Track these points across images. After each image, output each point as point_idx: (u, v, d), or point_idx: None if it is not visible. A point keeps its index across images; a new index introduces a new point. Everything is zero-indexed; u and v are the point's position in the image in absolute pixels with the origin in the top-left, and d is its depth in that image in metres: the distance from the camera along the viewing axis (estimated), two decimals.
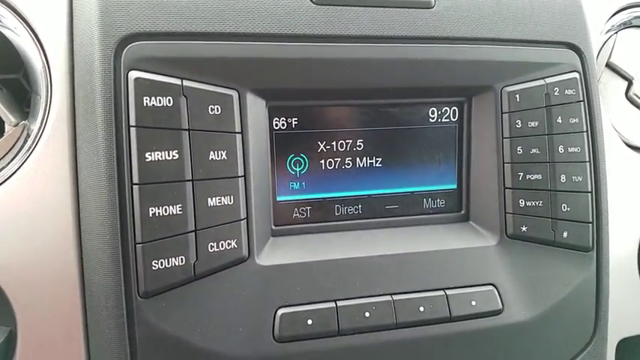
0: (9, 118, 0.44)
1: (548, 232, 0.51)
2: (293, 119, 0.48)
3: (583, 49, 0.52)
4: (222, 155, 0.43)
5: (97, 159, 0.40)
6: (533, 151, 0.50)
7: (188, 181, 0.41)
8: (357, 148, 0.51)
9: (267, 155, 0.47)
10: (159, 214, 0.40)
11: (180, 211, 0.41)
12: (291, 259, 0.46)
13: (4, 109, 0.44)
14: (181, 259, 0.41)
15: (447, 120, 0.52)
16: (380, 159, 0.51)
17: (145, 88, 0.40)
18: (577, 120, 0.51)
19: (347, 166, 0.51)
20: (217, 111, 0.42)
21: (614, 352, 0.59)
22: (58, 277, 0.43)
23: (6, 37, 0.44)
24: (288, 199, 0.50)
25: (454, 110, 0.52)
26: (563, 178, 0.50)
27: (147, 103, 0.40)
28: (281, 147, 0.49)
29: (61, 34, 0.43)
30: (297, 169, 0.50)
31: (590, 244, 0.52)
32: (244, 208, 0.44)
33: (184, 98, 0.41)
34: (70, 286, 0.43)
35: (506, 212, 0.51)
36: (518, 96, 0.50)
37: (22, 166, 0.43)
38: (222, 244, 0.43)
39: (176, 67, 0.41)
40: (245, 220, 0.44)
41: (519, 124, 0.50)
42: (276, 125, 0.48)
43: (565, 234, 0.51)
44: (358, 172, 0.51)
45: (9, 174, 0.42)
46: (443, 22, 0.47)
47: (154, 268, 0.40)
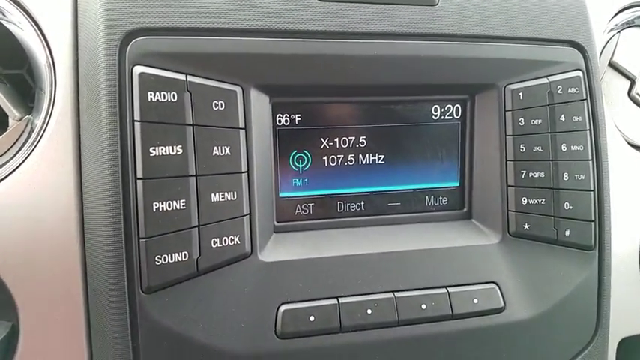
0: (13, 112, 0.44)
1: (551, 231, 0.51)
2: (296, 115, 0.48)
3: (586, 47, 0.52)
4: (225, 151, 0.43)
5: (101, 154, 0.40)
6: (536, 149, 0.50)
7: (192, 176, 0.41)
8: (360, 145, 0.51)
9: (270, 151, 0.47)
10: (162, 209, 0.40)
11: (183, 206, 0.41)
12: (294, 256, 0.46)
13: (8, 103, 0.44)
14: (184, 255, 0.41)
15: (450, 117, 0.52)
16: (383, 156, 0.51)
17: (150, 83, 0.40)
18: (580, 118, 0.51)
19: (350, 162, 0.51)
20: (221, 106, 0.42)
21: (615, 351, 0.59)
22: (61, 272, 0.43)
23: (10, 31, 0.44)
24: (291, 196, 0.50)
25: (457, 108, 0.52)
26: (565, 176, 0.50)
27: (151, 98, 0.40)
28: (284, 143, 0.49)
29: (65, 28, 0.43)
30: (300, 166, 0.50)
31: (592, 242, 0.52)
32: (247, 203, 0.44)
33: (189, 93, 0.41)
34: (72, 281, 0.43)
35: (508, 210, 0.51)
36: (521, 94, 0.50)
37: (26, 161, 0.43)
38: (225, 240, 0.43)
39: (181, 62, 0.41)
40: (248, 216, 0.44)
41: (522, 122, 0.50)
42: (280, 121, 0.48)
43: (567, 232, 0.51)
44: (361, 169, 0.51)
45: (13, 168, 0.42)
46: (446, 20, 0.47)
47: (157, 263, 0.40)
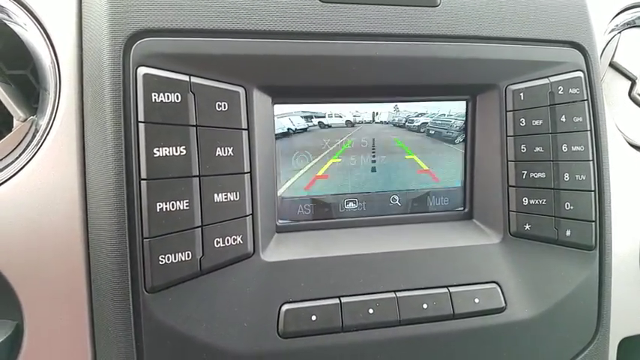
0: (17, 113, 0.44)
1: (552, 231, 0.51)
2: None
3: (587, 48, 0.52)
4: (228, 151, 0.43)
5: (105, 154, 0.40)
6: (537, 149, 0.50)
7: (195, 176, 0.42)
8: (362, 146, 0.51)
9: (272, 152, 0.48)
10: (166, 209, 0.41)
11: (187, 206, 0.41)
12: (296, 256, 0.46)
13: (12, 104, 0.44)
14: (188, 254, 0.41)
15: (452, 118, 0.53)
16: (384, 156, 0.51)
17: (154, 84, 0.40)
18: (581, 119, 0.51)
19: (352, 163, 0.51)
20: (224, 107, 0.43)
21: (616, 351, 0.59)
22: (65, 272, 0.43)
23: (15, 32, 0.45)
24: (293, 196, 0.50)
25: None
26: (566, 176, 0.51)
27: (155, 99, 0.40)
28: (286, 144, 0.49)
29: (70, 30, 0.44)
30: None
31: (593, 242, 0.52)
32: (250, 204, 0.44)
33: (192, 94, 0.41)
34: (77, 281, 0.43)
35: (509, 210, 0.51)
36: (522, 94, 0.50)
37: (31, 161, 0.43)
38: (227, 240, 0.43)
39: (184, 63, 0.41)
40: (250, 216, 0.44)
41: (523, 122, 0.50)
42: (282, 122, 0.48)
43: (568, 232, 0.51)
44: (363, 169, 0.51)
45: (17, 169, 0.43)
46: (448, 21, 0.47)
47: (160, 262, 0.41)
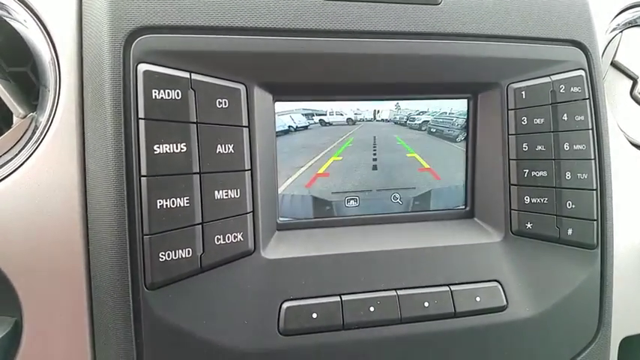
0: (17, 109, 0.44)
1: (553, 229, 0.51)
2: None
3: (589, 46, 0.52)
4: (229, 149, 0.43)
5: (106, 151, 0.40)
6: (539, 148, 0.50)
7: (195, 173, 0.41)
8: (363, 144, 0.51)
9: (273, 149, 0.48)
10: (166, 206, 0.41)
11: (187, 203, 0.41)
12: (297, 253, 0.46)
13: (12, 100, 0.44)
14: (188, 252, 0.41)
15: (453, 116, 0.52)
16: (385, 155, 0.51)
17: (154, 80, 0.40)
18: (582, 117, 0.51)
19: (352, 161, 0.51)
20: (225, 105, 0.42)
21: (617, 350, 0.59)
22: (65, 268, 0.43)
23: (15, 29, 0.44)
24: (294, 194, 0.50)
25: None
26: (568, 175, 0.50)
27: (155, 96, 0.40)
28: (287, 141, 0.49)
29: (70, 26, 0.43)
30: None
31: (595, 241, 0.52)
32: (250, 201, 0.44)
33: (192, 91, 0.41)
34: (76, 277, 0.43)
35: (511, 209, 0.51)
36: (524, 93, 0.50)
37: (30, 158, 0.43)
38: (228, 237, 0.43)
39: (185, 60, 0.41)
40: (251, 213, 0.44)
41: (525, 121, 0.50)
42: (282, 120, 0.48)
43: (570, 231, 0.51)
44: (364, 167, 0.51)
45: (17, 165, 0.43)
46: (449, 19, 0.47)
47: (160, 259, 0.41)
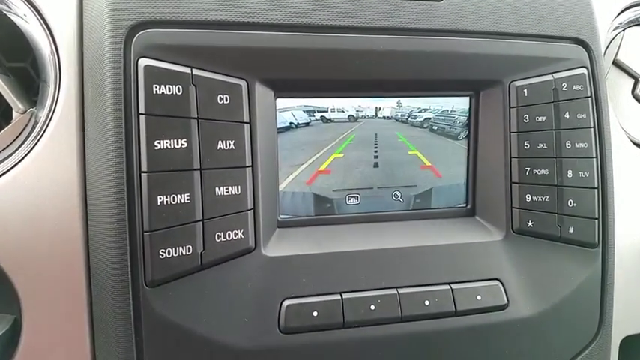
0: (17, 105, 0.44)
1: (554, 228, 0.50)
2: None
3: (591, 45, 0.52)
4: (230, 145, 0.43)
5: (106, 146, 0.40)
6: (541, 146, 0.50)
7: (196, 170, 0.41)
8: (365, 141, 0.50)
9: (274, 146, 0.47)
10: (167, 202, 0.40)
11: (187, 200, 0.41)
12: (297, 251, 0.46)
13: (12, 95, 0.44)
14: (188, 248, 0.41)
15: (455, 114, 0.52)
16: (387, 152, 0.51)
17: (155, 76, 0.40)
18: (584, 116, 0.51)
19: (354, 158, 0.50)
20: (226, 100, 0.42)
21: (618, 349, 0.59)
22: (65, 265, 0.43)
23: (15, 23, 0.44)
24: (295, 191, 0.50)
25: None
26: (569, 173, 0.50)
27: (156, 91, 0.40)
28: (288, 138, 0.48)
29: (70, 21, 0.43)
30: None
31: (596, 240, 0.52)
32: (251, 198, 0.44)
33: (194, 87, 0.41)
34: (76, 274, 0.43)
35: (512, 207, 0.51)
36: (526, 91, 0.50)
37: (30, 154, 0.42)
38: (229, 234, 0.43)
39: (186, 55, 0.41)
40: (252, 210, 0.44)
41: (527, 118, 0.50)
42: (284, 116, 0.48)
43: (571, 230, 0.51)
44: (365, 164, 0.51)
45: (16, 161, 0.42)
46: (452, 16, 0.47)
47: (161, 256, 0.40)
